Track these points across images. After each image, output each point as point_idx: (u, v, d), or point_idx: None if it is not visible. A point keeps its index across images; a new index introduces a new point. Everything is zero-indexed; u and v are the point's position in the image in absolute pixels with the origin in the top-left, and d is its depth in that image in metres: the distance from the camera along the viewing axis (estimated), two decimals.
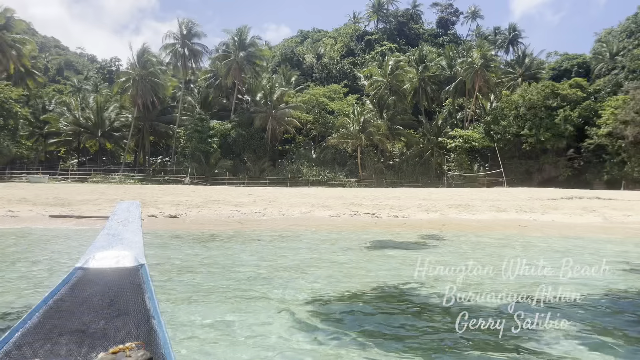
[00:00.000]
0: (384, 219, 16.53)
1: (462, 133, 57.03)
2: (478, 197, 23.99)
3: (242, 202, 19.01)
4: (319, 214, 17.07)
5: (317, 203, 19.50)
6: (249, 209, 17.35)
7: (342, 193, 26.33)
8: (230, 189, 32.40)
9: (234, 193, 24.55)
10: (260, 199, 20.63)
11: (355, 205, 19.15)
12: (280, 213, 16.91)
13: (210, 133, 57.56)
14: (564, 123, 53.93)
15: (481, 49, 58.80)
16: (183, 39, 61.45)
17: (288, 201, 20.25)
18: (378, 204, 19.39)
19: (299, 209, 17.76)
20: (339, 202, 19.93)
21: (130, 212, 2.22)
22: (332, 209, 18.19)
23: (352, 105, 61.72)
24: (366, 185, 53.77)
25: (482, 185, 55.44)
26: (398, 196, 23.82)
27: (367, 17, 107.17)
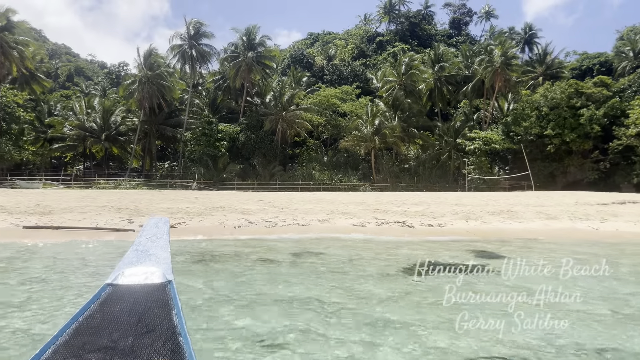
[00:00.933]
0: (417, 228, 14.06)
1: (481, 134, 54.33)
2: (517, 202, 21.42)
3: (250, 209, 16.67)
4: (341, 223, 14.64)
5: (336, 210, 17.08)
6: (259, 217, 14.97)
7: (363, 198, 23.86)
8: (237, 194, 30.05)
9: (241, 199, 22.21)
10: (271, 206, 18.25)
11: (381, 212, 16.69)
12: (294, 221, 14.50)
13: (219, 136, 55.46)
14: (589, 123, 51.04)
15: (502, 46, 56.08)
16: (190, 40, 59.53)
17: (302, 207, 17.86)
18: (407, 211, 16.92)
19: (317, 217, 15.34)
20: (361, 209, 17.50)
21: (159, 227, 2.19)
22: (355, 216, 15.77)
23: (365, 106, 59.31)
24: (381, 190, 51.27)
25: (503, 189, 52.67)
26: (426, 201, 21.34)
27: (378, 19, 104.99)
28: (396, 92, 59.97)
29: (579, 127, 51.34)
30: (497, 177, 55.03)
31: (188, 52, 59.62)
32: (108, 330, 1.47)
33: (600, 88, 54.46)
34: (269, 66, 61.44)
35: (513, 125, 55.78)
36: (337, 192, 41.02)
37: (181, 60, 60.26)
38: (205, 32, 60.46)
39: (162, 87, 58.33)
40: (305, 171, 55.41)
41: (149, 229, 2.22)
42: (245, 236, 12.19)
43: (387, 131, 53.41)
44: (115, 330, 1.46)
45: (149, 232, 2.17)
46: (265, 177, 54.14)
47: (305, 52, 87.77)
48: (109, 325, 1.49)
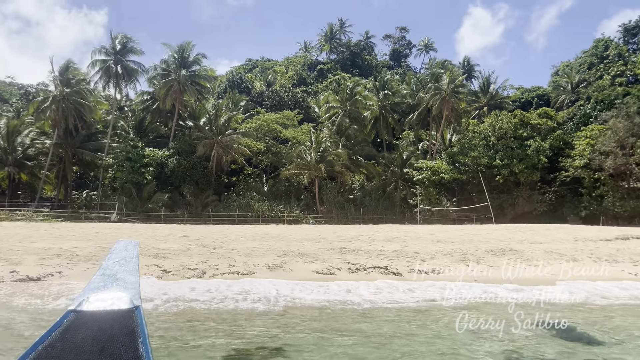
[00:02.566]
0: (407, 276, 9.76)
1: (429, 164, 51.87)
2: (505, 237, 17.81)
3: (169, 249, 11.81)
4: (300, 269, 10.22)
5: (290, 249, 12.54)
6: (179, 262, 10.19)
7: (320, 233, 19.39)
8: (158, 227, 24.52)
9: (160, 234, 17.06)
10: (199, 244, 13.40)
11: (350, 252, 12.33)
12: (231, 268, 9.90)
13: (145, 162, 49.36)
14: (536, 154, 50.07)
15: (451, 73, 54.61)
16: (116, 55, 53.64)
17: (243, 247, 13.15)
18: (382, 250, 12.68)
19: (264, 261, 10.77)
20: (322, 247, 13.06)
21: (128, 250, 2.09)
22: (317, 258, 11.33)
23: (308, 132, 55.53)
24: (325, 222, 47.12)
25: (452, 222, 50.16)
26: (398, 236, 17.24)
27: (319, 47, 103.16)
28: (340, 119, 56.82)
29: (527, 157, 50.19)
30: (449, 208, 52.46)
31: (113, 69, 53.61)
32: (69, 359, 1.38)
33: (544, 119, 54.06)
34: (204, 87, 56.43)
35: (460, 155, 53.98)
36: (284, 225, 36.28)
37: (104, 77, 54.01)
38: (133, 48, 54.84)
39: (80, 106, 51.74)
40: (242, 201, 50.30)
41: (117, 252, 2.05)
42: (148, 301, 7.34)
43: (333, 158, 49.71)
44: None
45: (117, 255, 2.01)
46: (197, 207, 48.46)
47: (243, 77, 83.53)
48: (70, 355, 1.39)
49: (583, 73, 66.93)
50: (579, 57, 73.87)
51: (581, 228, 25.68)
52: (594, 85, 60.26)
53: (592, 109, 56.15)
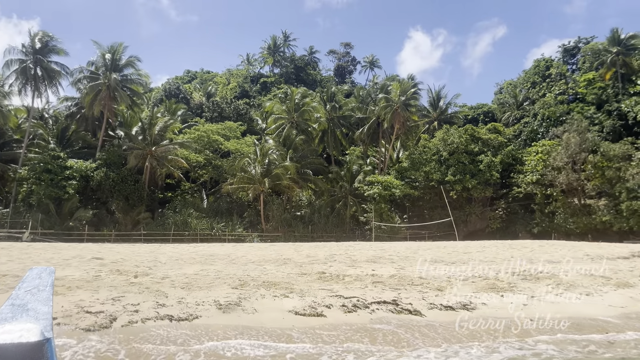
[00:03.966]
0: (428, 315, 6.36)
1: (380, 179, 49.39)
2: (509, 255, 14.80)
3: (64, 278, 7.79)
4: (269, 309, 6.52)
5: (247, 277, 8.82)
6: (75, 299, 6.35)
7: (281, 252, 15.53)
8: (63, 247, 19.37)
9: (62, 255, 12.56)
10: (114, 270, 9.33)
11: (332, 278, 8.84)
12: (160, 310, 5.98)
13: (67, 174, 43.49)
14: (488, 170, 48.90)
15: (402, 85, 52.81)
16: (35, 55, 47.58)
17: (179, 273, 9.27)
18: (376, 275, 9.22)
19: (212, 296, 7.07)
20: (292, 273, 9.41)
21: (42, 278, 1.95)
22: (291, 290, 7.82)
23: (252, 144, 51.69)
24: (271, 240, 43.25)
25: (404, 239, 47.78)
26: (384, 256, 13.78)
27: (261, 60, 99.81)
28: (287, 130, 53.48)
29: (479, 173, 48.95)
30: (407, 225, 50.00)
31: (31, 70, 47.47)
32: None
33: (495, 134, 53.32)
34: (137, 92, 51.26)
35: (411, 171, 52.06)
36: (231, 244, 31.95)
37: (21, 79, 47.66)
38: (56, 48, 48.93)
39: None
40: (179, 218, 45.38)
41: (30, 281, 1.93)
42: None
43: (280, 172, 46.06)
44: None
45: (29, 284, 1.89)
46: (126, 225, 43.10)
47: (181, 87, 78.53)
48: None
49: (526, 91, 67.74)
50: (521, 76, 75.22)
51: (578, 244, 23.49)
52: (539, 102, 60.73)
53: (539, 125, 56.27)
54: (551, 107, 56.10)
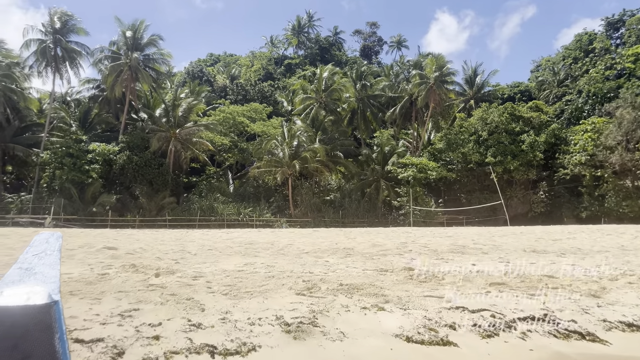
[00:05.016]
0: (619, 347, 3.71)
1: (415, 161, 46.50)
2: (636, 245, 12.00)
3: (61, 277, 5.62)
4: (361, 330, 4.11)
5: (308, 274, 6.32)
6: (66, 314, 3.67)
7: (331, 239, 13.03)
8: (73, 233, 17.18)
9: (70, 244, 10.31)
10: (129, 265, 6.98)
11: (432, 279, 6.30)
12: (195, 337, 3.62)
13: (89, 158, 41.84)
14: (531, 150, 45.51)
15: (437, 60, 49.51)
16: (55, 35, 45.83)
17: (215, 270, 6.84)
18: (486, 274, 6.64)
19: (271, 307, 4.46)
20: (369, 269, 6.90)
21: (50, 243, 2.03)
22: (383, 296, 5.16)
23: (279, 126, 49.27)
24: (300, 226, 40.98)
25: (441, 225, 45.02)
26: (466, 245, 11.16)
27: (286, 41, 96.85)
28: (315, 111, 50.84)
29: (521, 154, 45.64)
30: (437, 209, 47.16)
31: (51, 50, 45.79)
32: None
33: (537, 113, 49.72)
34: (160, 73, 49.21)
35: (447, 152, 49.03)
36: (269, 229, 29.63)
37: (41, 60, 46.04)
38: (76, 27, 47.07)
39: (11, 92, 43.85)
40: (205, 204, 43.44)
41: (37, 245, 1.99)
42: None
43: (309, 155, 43.61)
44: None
45: (36, 249, 1.95)
46: (151, 211, 41.31)
47: (204, 70, 76.42)
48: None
49: (567, 68, 63.54)
50: (560, 52, 70.86)
51: None
52: (583, 78, 56.68)
53: (584, 102, 52.41)
54: (598, 83, 52.08)
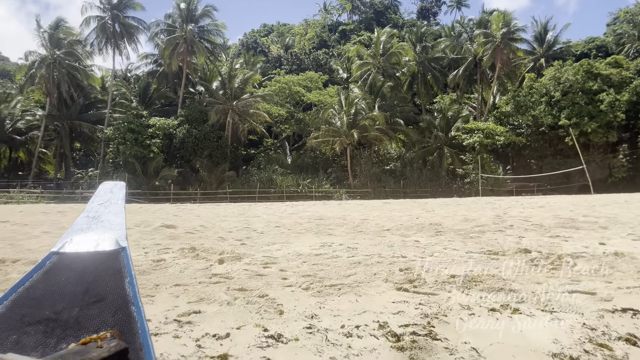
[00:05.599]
0: None
1: (481, 126, 43.80)
2: None
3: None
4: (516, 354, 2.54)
5: (410, 262, 5.09)
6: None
7: (411, 212, 11.77)
8: (132, 210, 16.76)
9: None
10: (186, 248, 6.07)
11: (560, 266, 4.83)
12: (283, 354, 2.30)
13: (150, 132, 42.31)
14: (611, 110, 41.56)
15: (504, 16, 45.94)
16: (112, 10, 46.18)
17: (291, 252, 5.78)
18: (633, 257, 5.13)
19: (372, 308, 3.49)
20: (474, 251, 5.60)
21: (114, 192, 2.02)
22: (517, 296, 3.81)
23: (336, 94, 47.75)
24: (360, 197, 39.85)
25: (510, 193, 42.51)
26: (580, 218, 9.49)
27: (339, 7, 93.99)
28: (373, 77, 48.86)
29: (599, 115, 41.82)
30: (506, 177, 44.53)
31: (110, 27, 46.24)
32: (51, 301, 1.32)
33: (617, 69, 45.26)
34: (215, 44, 48.75)
35: (515, 116, 45.85)
36: (351, 201, 28.75)
37: (101, 37, 46.70)
38: (132, 2, 47.20)
39: (74, 71, 44.90)
40: (264, 176, 43.10)
41: (102, 195, 2.00)
42: None
43: (368, 123, 42.02)
44: (59, 302, 1.32)
45: (101, 198, 1.97)
46: (211, 184, 41.45)
47: (258, 40, 75.58)
48: (52, 296, 1.34)
49: None
50: (638, 3, 64.16)
51: None
52: None
53: None
54: None
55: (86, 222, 1.72)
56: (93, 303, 1.32)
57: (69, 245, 1.59)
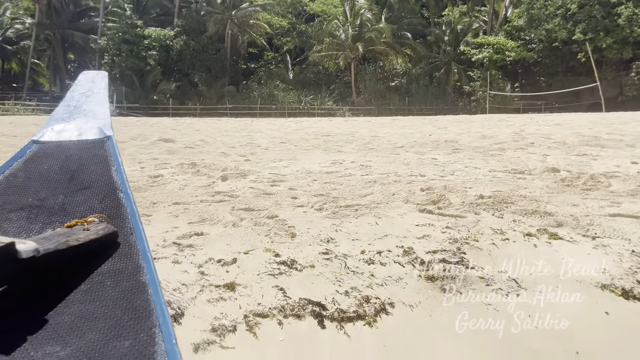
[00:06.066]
0: None
1: (491, 41, 41.93)
2: None
3: None
4: None
5: (440, 187, 4.65)
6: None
7: (420, 128, 11.13)
8: (129, 123, 16.10)
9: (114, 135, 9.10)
10: (185, 163, 5.59)
11: (595, 186, 4.46)
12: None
13: (145, 44, 40.59)
14: (629, 25, 39.50)
15: None
16: None
17: (300, 169, 5.37)
18: None
19: (404, 244, 2.91)
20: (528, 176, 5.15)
21: (95, 82, 1.92)
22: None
23: (341, 4, 45.28)
24: (364, 114, 39.04)
25: (517, 111, 41.63)
26: (617, 135, 8.89)
27: None
28: None
29: (616, 29, 39.83)
30: (514, 94, 43.41)
31: None
32: (34, 188, 1.30)
33: None
34: None
35: (528, 30, 43.74)
36: (338, 119, 27.99)
37: None
38: None
39: None
40: (264, 91, 41.98)
41: (83, 84, 1.90)
42: None
43: (374, 35, 40.19)
44: (42, 189, 1.30)
45: (83, 87, 1.87)
46: (211, 99, 40.49)
47: None
48: (35, 184, 1.32)
49: None
50: None
51: None
52: None
53: None
54: None
55: (67, 111, 1.64)
56: (79, 190, 1.27)
57: (50, 134, 1.51)
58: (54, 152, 1.44)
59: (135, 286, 0.93)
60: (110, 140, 1.49)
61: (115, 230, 1.06)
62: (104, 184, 1.30)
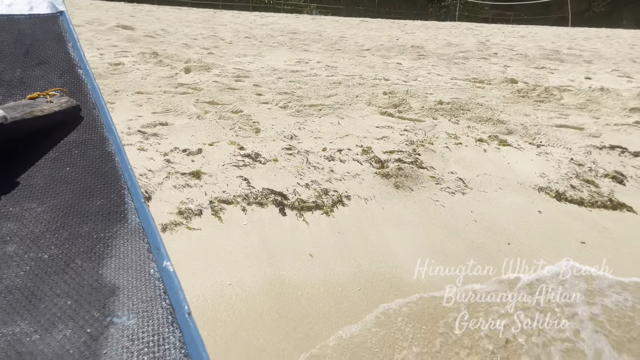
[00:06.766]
0: None
1: None
2: None
3: None
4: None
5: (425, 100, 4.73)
6: None
7: (390, 32, 10.78)
8: (82, 5, 14.77)
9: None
10: (147, 53, 5.39)
11: (548, 98, 4.68)
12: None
13: None
14: None
15: None
16: None
17: (265, 66, 5.30)
18: None
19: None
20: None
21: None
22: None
23: None
24: (332, 14, 37.60)
25: (486, 21, 41.11)
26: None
27: None
28: None
29: None
30: (484, 2, 42.52)
31: None
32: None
33: None
34: None
35: None
36: (306, 17, 26.66)
37: None
38: None
39: None
40: None
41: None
42: None
43: None
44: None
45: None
46: None
47: None
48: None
49: None
50: None
51: None
52: None
53: None
54: None
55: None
56: (36, 65, 1.24)
57: (0, 7, 1.47)
58: (6, 26, 1.41)
59: (102, 155, 0.98)
60: (64, 16, 1.46)
61: (78, 104, 1.08)
62: (62, 60, 1.27)
